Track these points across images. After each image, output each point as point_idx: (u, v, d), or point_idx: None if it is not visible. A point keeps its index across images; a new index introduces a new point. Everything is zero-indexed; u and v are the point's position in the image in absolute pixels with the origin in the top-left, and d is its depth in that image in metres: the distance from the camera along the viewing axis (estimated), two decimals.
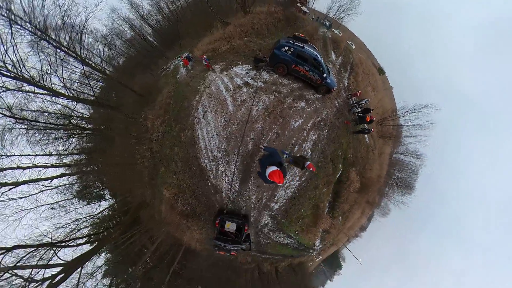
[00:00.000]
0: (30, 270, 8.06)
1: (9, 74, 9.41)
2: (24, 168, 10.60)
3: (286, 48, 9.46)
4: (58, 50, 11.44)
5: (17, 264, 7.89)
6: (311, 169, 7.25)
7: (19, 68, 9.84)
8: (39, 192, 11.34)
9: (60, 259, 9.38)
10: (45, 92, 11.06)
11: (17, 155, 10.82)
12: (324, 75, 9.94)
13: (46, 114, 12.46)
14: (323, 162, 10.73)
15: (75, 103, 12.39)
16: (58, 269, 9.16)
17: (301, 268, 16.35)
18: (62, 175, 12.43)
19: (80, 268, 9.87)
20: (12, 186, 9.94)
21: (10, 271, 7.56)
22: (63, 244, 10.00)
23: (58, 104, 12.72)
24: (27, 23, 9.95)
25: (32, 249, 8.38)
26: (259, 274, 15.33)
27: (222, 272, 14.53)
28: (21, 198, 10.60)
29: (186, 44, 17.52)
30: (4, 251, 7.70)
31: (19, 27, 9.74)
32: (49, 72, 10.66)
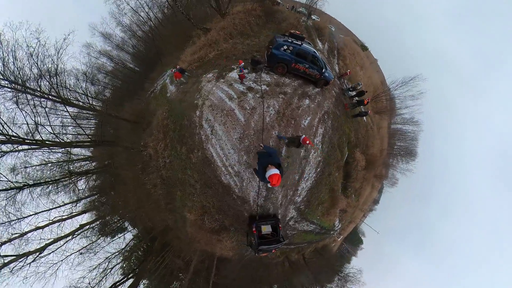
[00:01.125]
0: None
1: None
2: (43, 227, 10.34)
3: (285, 47, 9.10)
4: (42, 100, 10.77)
5: None
6: (307, 142, 7.12)
7: (7, 130, 9.26)
8: (64, 244, 11.21)
9: None
10: (39, 146, 10.55)
11: (33, 214, 10.50)
12: (323, 70, 9.88)
13: (49, 164, 12.03)
14: (332, 151, 11.26)
15: (71, 149, 11.90)
16: None
17: (325, 250, 17.12)
18: (81, 226, 12.18)
19: None
20: (38, 253, 9.75)
21: None
22: None
23: (57, 152, 12.21)
24: (4, 80, 9.21)
25: None
26: (289, 265, 16.02)
27: (254, 271, 15.05)
28: (50, 253, 10.48)
29: (167, 61, 16.66)
30: None
31: None
32: (38, 125, 10.09)
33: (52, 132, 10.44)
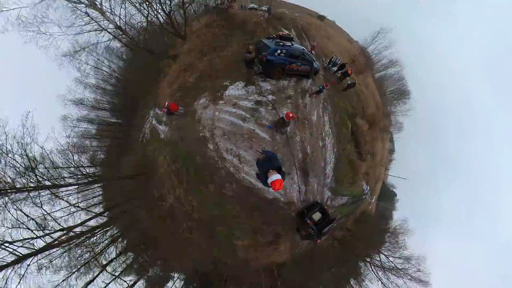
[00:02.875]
0: None
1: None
2: None
3: (279, 51, 8.79)
4: (34, 193, 9.48)
5: None
6: (291, 115, 7.37)
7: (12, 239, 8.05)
8: None
9: None
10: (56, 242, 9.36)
11: None
12: (313, 64, 9.97)
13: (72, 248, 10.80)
14: (339, 130, 11.72)
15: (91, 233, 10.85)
16: None
17: (365, 216, 17.12)
18: None
19: None
20: None
21: None
22: None
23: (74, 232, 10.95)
24: None
25: None
26: (338, 243, 15.79)
27: (309, 263, 14.72)
28: None
29: (147, 102, 15.37)
30: None
31: None
32: (41, 229, 8.96)
33: (61, 227, 9.24)
